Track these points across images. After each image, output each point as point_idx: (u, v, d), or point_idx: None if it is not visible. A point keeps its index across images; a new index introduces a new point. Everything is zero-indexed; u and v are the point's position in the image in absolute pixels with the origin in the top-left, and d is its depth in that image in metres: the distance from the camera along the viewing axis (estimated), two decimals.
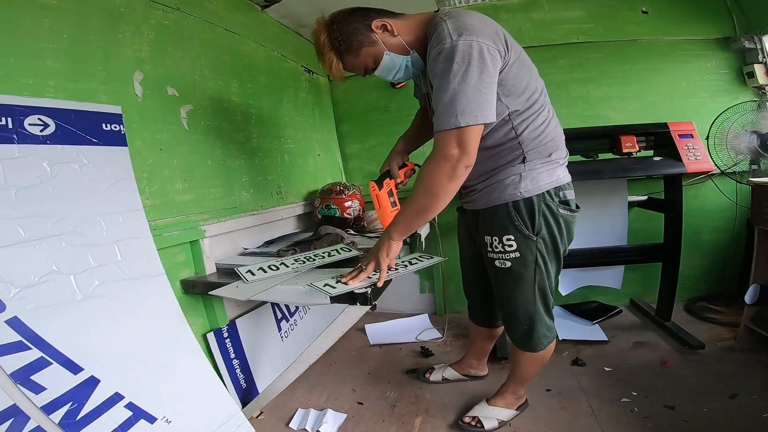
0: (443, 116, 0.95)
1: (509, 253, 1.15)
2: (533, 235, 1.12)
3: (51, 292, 0.93)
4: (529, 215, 1.10)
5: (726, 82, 2.22)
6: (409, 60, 1.10)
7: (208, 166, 1.49)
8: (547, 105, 1.12)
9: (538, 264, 1.15)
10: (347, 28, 1.06)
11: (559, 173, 1.13)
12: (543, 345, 1.26)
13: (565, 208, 1.14)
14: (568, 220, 1.16)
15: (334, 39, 1.06)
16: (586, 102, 2.29)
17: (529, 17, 2.29)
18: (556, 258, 1.19)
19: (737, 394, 1.46)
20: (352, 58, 1.09)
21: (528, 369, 1.36)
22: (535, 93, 1.08)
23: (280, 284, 1.15)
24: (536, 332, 1.23)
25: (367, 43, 1.06)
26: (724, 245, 2.31)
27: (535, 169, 1.10)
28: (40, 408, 0.85)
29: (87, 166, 1.05)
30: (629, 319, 2.22)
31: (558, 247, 1.17)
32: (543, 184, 1.10)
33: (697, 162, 1.79)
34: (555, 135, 1.13)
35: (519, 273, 1.17)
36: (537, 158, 1.10)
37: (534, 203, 1.10)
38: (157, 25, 1.31)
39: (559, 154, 1.15)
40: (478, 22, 0.98)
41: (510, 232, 1.13)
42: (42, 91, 0.99)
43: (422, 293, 2.57)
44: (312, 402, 1.64)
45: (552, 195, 1.11)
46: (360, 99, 2.57)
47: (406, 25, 1.09)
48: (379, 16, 1.08)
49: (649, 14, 2.21)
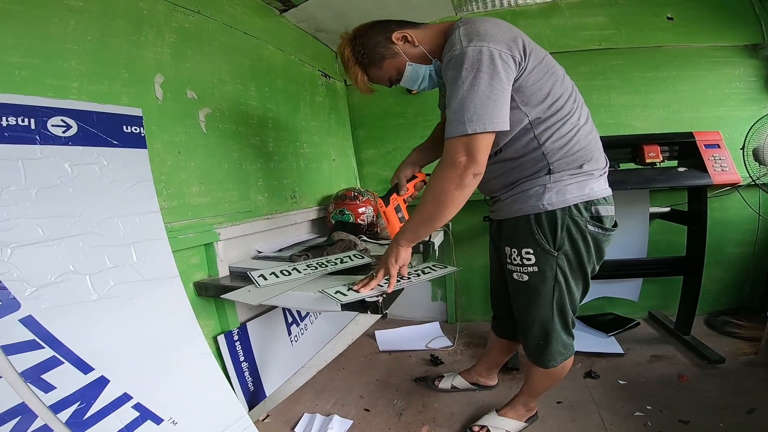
0: (452, 123, 0.94)
1: (527, 267, 1.11)
2: (554, 251, 1.07)
3: (66, 292, 0.94)
4: (551, 229, 1.05)
5: (754, 91, 2.14)
6: (432, 69, 1.09)
7: (225, 170, 1.50)
8: (576, 111, 1.05)
9: (557, 280, 1.09)
10: (369, 42, 1.08)
11: (592, 186, 1.05)
12: (556, 362, 1.21)
13: (597, 225, 1.06)
14: (599, 239, 1.08)
15: (357, 53, 1.09)
16: (607, 110, 2.24)
17: (549, 23, 2.25)
18: (582, 276, 1.13)
19: (755, 409, 1.41)
20: (376, 71, 1.11)
21: (541, 383, 1.33)
22: (560, 99, 1.02)
23: (291, 290, 1.14)
24: (551, 349, 1.19)
25: (389, 56, 1.08)
26: (748, 259, 2.23)
27: (563, 180, 1.03)
28: (49, 407, 0.86)
29: (107, 168, 1.07)
30: (647, 331, 2.16)
31: (584, 265, 1.10)
32: (571, 197, 1.03)
33: (724, 173, 1.73)
34: (586, 144, 1.05)
35: (536, 288, 1.12)
36: (565, 169, 1.04)
37: (558, 217, 1.04)
38: (179, 28, 1.33)
39: (594, 165, 1.07)
40: (493, 27, 0.96)
41: (529, 245, 1.08)
42: (66, 93, 1.01)
43: (434, 301, 2.54)
44: (319, 407, 1.63)
45: (581, 209, 1.04)
46: (376, 104, 2.56)
47: (428, 35, 1.08)
48: (399, 27, 1.08)
49: (675, 21, 2.16)
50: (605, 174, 1.12)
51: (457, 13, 2.31)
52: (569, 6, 2.23)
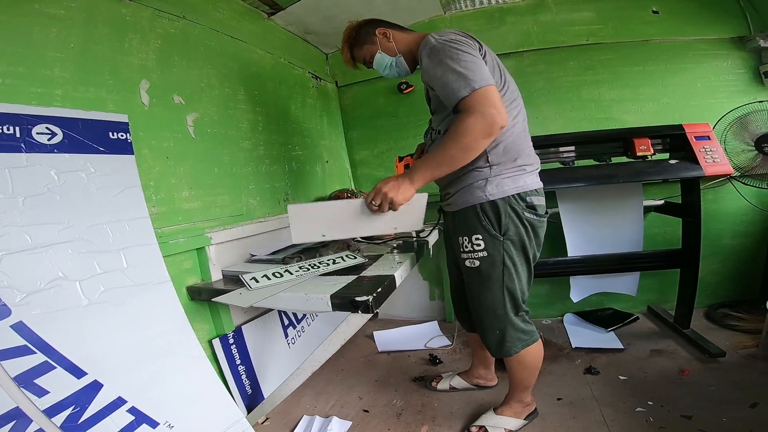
0: (460, 87, 1.04)
1: (478, 252, 1.22)
2: (500, 235, 1.19)
3: (57, 298, 0.95)
4: (495, 216, 1.18)
5: (743, 82, 2.14)
6: (394, 60, 1.35)
7: (215, 174, 1.50)
8: (515, 110, 1.21)
9: (506, 264, 1.21)
10: (361, 29, 1.38)
11: (526, 180, 1.20)
12: (517, 348, 1.27)
13: (532, 213, 1.21)
14: (535, 224, 1.22)
15: (351, 34, 1.40)
16: (598, 105, 2.24)
17: (536, 19, 2.26)
18: (526, 261, 1.25)
19: (758, 403, 1.40)
20: (357, 50, 1.40)
21: (520, 374, 1.35)
22: (505, 95, 1.18)
23: (283, 291, 1.14)
24: (507, 335, 1.26)
25: (369, 42, 1.36)
26: (745, 250, 2.22)
27: (501, 174, 1.18)
28: (43, 411, 0.86)
29: (94, 175, 1.07)
30: (646, 326, 2.15)
31: (526, 248, 1.22)
32: (508, 188, 1.17)
33: (715, 164, 1.73)
34: (519, 142, 1.20)
35: (487, 272, 1.22)
36: (502, 163, 1.18)
37: (499, 205, 1.17)
38: (164, 34, 1.34)
39: (525, 161, 1.21)
40: (457, 34, 1.14)
41: (478, 231, 1.20)
42: (50, 101, 1.01)
43: (432, 300, 2.52)
44: (318, 409, 1.62)
45: (518, 199, 1.18)
46: (368, 105, 2.56)
47: (405, 38, 1.34)
48: (386, 26, 1.36)
49: (660, 14, 2.16)
50: (536, 171, 1.27)
51: (446, 12, 2.32)
52: (556, 2, 2.23)
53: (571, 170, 1.91)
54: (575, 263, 2.07)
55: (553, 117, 2.26)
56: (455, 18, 2.34)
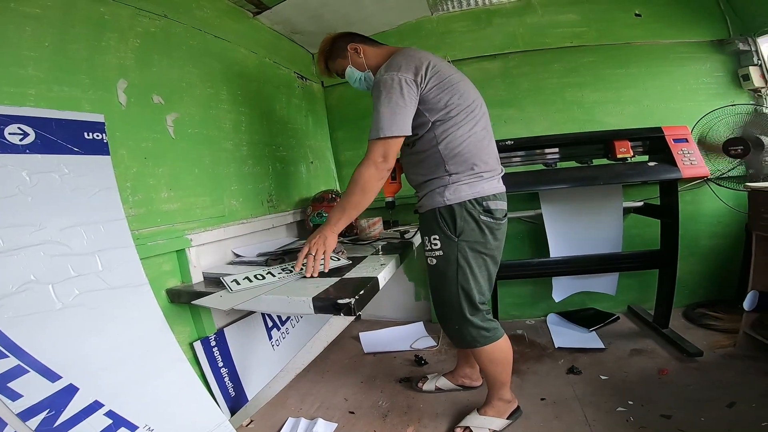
0: (372, 130, 1.23)
1: (435, 251, 1.32)
2: (455, 237, 1.28)
3: (29, 302, 0.93)
4: (451, 219, 1.28)
5: (721, 85, 2.19)
6: (363, 75, 1.43)
7: (195, 175, 1.48)
8: (471, 121, 1.29)
9: (460, 264, 1.29)
10: (336, 43, 1.46)
11: (483, 186, 1.29)
12: (479, 343, 1.33)
13: (488, 216, 1.29)
14: (492, 226, 1.30)
15: (325, 48, 1.49)
16: (580, 107, 2.27)
17: (522, 21, 2.28)
18: (484, 263, 1.32)
19: (736, 402, 1.43)
20: (331, 63, 1.49)
21: (493, 371, 1.39)
22: (456, 108, 1.26)
23: (264, 294, 1.13)
24: (466, 329, 1.33)
25: (341, 56, 1.45)
26: (722, 251, 2.27)
27: (459, 181, 1.27)
28: (17, 414, 0.85)
29: (68, 176, 1.05)
30: (627, 326, 2.18)
31: (483, 251, 1.31)
32: (464, 194, 1.27)
33: (693, 167, 1.77)
34: (478, 150, 1.29)
35: (443, 270, 1.31)
36: (460, 171, 1.27)
37: (455, 210, 1.27)
38: (144, 33, 1.31)
39: (482, 168, 1.30)
40: (406, 60, 1.25)
41: (435, 232, 1.31)
42: (23, 100, 0.99)
43: (417, 301, 2.53)
44: (303, 411, 1.62)
45: (474, 204, 1.27)
46: (354, 106, 2.55)
47: (376, 53, 1.42)
48: (359, 41, 1.44)
49: (642, 17, 2.20)
50: (495, 177, 1.36)
51: (433, 14, 2.32)
52: (542, 4, 2.26)
53: (553, 172, 1.93)
54: (557, 264, 2.10)
55: (539, 119, 2.28)
56: (442, 19, 2.35)
